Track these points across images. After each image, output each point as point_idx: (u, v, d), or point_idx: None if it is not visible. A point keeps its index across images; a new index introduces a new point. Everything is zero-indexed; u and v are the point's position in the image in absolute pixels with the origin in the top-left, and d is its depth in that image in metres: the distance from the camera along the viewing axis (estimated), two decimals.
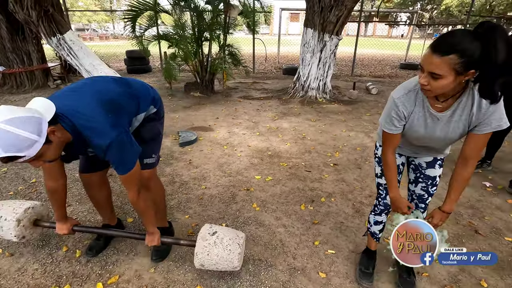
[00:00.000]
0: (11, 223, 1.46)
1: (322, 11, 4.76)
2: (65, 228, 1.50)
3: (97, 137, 1.13)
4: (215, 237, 1.41)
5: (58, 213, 1.48)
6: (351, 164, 2.84)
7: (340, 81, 7.08)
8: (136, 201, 1.32)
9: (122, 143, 1.17)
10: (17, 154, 0.96)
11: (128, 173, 1.23)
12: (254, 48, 8.00)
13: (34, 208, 1.59)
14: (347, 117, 4.32)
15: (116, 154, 1.17)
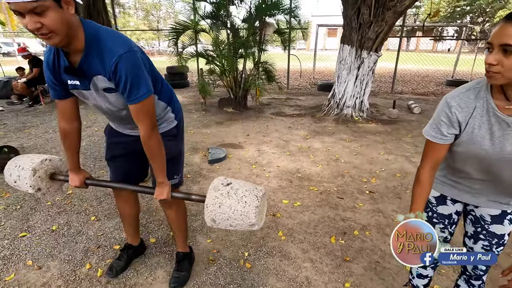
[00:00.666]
0: (27, 172, 1.40)
1: (360, 28, 4.59)
2: (77, 180, 1.38)
3: (113, 44, 1.02)
4: (229, 187, 1.21)
5: (71, 161, 1.37)
6: (390, 192, 2.58)
7: (379, 99, 6.72)
8: (149, 138, 1.16)
9: (137, 61, 1.04)
10: None
11: (140, 102, 1.08)
12: (289, 64, 7.97)
13: (52, 161, 1.49)
14: (386, 138, 4.02)
15: (128, 70, 1.02)
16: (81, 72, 1.06)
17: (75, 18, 0.98)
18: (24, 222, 2.16)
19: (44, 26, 0.89)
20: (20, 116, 5.37)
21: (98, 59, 1.03)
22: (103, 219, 2.20)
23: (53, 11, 0.89)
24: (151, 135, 1.16)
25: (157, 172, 1.26)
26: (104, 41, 1.02)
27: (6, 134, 4.29)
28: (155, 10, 26.58)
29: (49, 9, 0.88)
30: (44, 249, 1.87)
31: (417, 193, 1.01)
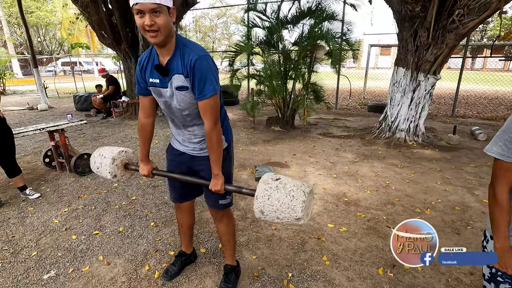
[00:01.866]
0: (108, 160, 1.65)
1: (417, 50, 4.43)
2: (146, 170, 1.61)
3: (194, 49, 1.27)
4: (278, 182, 1.29)
5: (142, 152, 1.60)
6: (447, 226, 2.40)
7: (437, 123, 6.27)
8: (211, 131, 1.34)
9: (210, 64, 1.27)
10: None
11: (207, 99, 1.28)
12: (338, 84, 7.92)
13: (127, 153, 1.73)
14: (444, 166, 3.74)
15: (201, 71, 1.25)
16: (166, 70, 1.30)
17: (173, 27, 1.26)
18: (97, 222, 2.50)
19: (156, 24, 1.17)
20: (95, 127, 6.20)
21: (181, 60, 1.27)
22: (160, 225, 2.44)
23: (165, 15, 1.18)
24: (213, 128, 1.33)
25: (213, 163, 1.40)
26: (188, 46, 1.28)
27: (85, 142, 4.99)
28: (211, 32, 28.65)
29: (163, 12, 1.17)
30: (112, 247, 2.15)
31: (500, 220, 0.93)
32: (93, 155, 1.74)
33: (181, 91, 1.32)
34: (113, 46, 6.95)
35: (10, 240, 2.25)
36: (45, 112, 8.24)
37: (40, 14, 24.44)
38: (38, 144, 4.89)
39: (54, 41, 31.53)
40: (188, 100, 1.34)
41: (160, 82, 1.34)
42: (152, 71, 1.35)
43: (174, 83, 1.31)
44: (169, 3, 1.19)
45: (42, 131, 3.28)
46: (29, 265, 1.97)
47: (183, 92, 1.32)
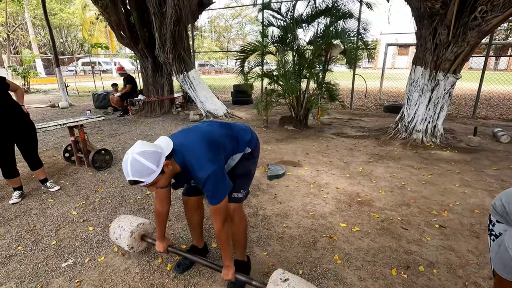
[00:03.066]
0: (126, 233, 1.80)
1: (436, 48, 4.30)
2: (162, 247, 1.77)
3: (198, 170, 1.36)
4: (286, 284, 1.35)
5: (159, 231, 1.76)
6: (465, 229, 2.31)
7: (456, 124, 6.06)
8: (220, 232, 1.47)
9: (217, 178, 1.36)
10: (140, 179, 1.23)
11: (217, 205, 1.40)
12: (353, 84, 7.80)
13: (144, 225, 1.91)
14: (463, 168, 3.61)
15: (211, 186, 1.35)
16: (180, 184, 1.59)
17: (172, 167, 1.35)
18: (113, 214, 2.58)
19: (157, 188, 1.38)
20: (113, 124, 6.38)
21: (192, 177, 1.42)
22: (173, 219, 2.48)
23: (161, 179, 1.31)
24: (222, 229, 1.46)
25: (224, 257, 1.55)
26: (192, 170, 1.38)
27: (103, 138, 5.15)
28: (226, 32, 28.88)
29: (158, 180, 1.30)
30: None
31: None
32: (113, 225, 1.90)
33: None
34: (130, 45, 7.13)
35: (31, 230, 2.35)
36: (65, 109, 8.56)
37: (62, 16, 25.41)
38: (59, 140, 5.08)
39: (75, 42, 32.69)
40: None
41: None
42: None
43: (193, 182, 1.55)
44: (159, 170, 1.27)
45: (63, 127, 3.41)
46: (48, 253, 2.06)
47: None
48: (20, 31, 24.65)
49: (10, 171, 2.76)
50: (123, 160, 1.27)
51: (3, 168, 2.74)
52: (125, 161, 1.25)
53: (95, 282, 1.79)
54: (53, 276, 1.84)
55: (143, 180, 1.24)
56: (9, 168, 2.75)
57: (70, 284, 1.77)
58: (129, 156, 1.24)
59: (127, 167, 1.23)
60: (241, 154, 1.60)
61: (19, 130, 2.73)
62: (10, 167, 2.75)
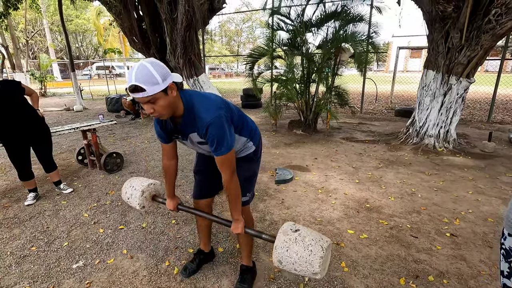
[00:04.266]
0: (138, 192, 1.77)
1: (449, 52, 4.22)
2: (172, 205, 1.71)
3: (204, 112, 1.30)
4: (297, 234, 1.31)
5: (168, 189, 1.72)
6: (478, 238, 2.25)
7: (470, 129, 5.91)
8: (229, 183, 1.41)
9: (223, 124, 1.30)
10: (142, 86, 1.15)
11: (223, 156, 1.34)
12: (364, 88, 7.72)
13: (155, 185, 1.86)
14: (477, 175, 3.51)
15: (215, 133, 1.29)
16: (181, 132, 1.42)
17: (177, 97, 1.29)
18: (123, 217, 2.63)
19: (156, 110, 1.24)
20: (125, 127, 6.52)
21: (193, 124, 1.34)
22: (181, 223, 2.51)
23: (162, 99, 1.22)
24: (231, 180, 1.41)
25: (232, 210, 1.49)
26: (197, 111, 1.31)
27: (115, 142, 5.27)
28: (236, 36, 29.13)
29: (159, 98, 1.21)
30: (136, 242, 2.24)
31: None
32: (125, 185, 1.89)
33: (202, 144, 1.43)
34: (143, 50, 7.29)
35: (45, 231, 2.43)
36: (80, 112, 8.80)
37: (78, 22, 26.23)
38: (73, 143, 5.22)
39: (90, 47, 33.63)
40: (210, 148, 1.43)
41: (181, 137, 1.47)
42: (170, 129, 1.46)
43: (194, 139, 1.42)
44: (163, 85, 1.19)
45: (76, 130, 3.51)
46: (60, 254, 2.12)
47: (204, 145, 1.42)
48: (38, 37, 25.56)
49: (26, 174, 2.86)
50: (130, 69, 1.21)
51: (19, 171, 2.84)
52: (132, 68, 1.20)
53: (104, 284, 1.82)
54: (64, 277, 1.89)
55: (145, 89, 1.15)
56: (25, 171, 2.85)
57: (80, 285, 1.82)
58: (138, 63, 1.19)
59: (133, 72, 1.17)
60: (244, 140, 1.55)
61: (34, 133, 2.83)
62: (26, 169, 2.85)
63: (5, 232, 2.42)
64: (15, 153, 2.76)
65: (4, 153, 4.26)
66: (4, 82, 2.65)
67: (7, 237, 2.34)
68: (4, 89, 2.59)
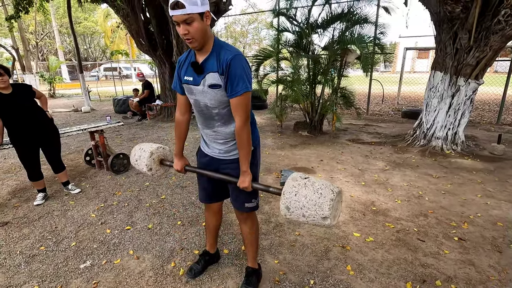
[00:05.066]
0: (146, 153, 1.76)
1: (457, 53, 4.17)
2: (179, 165, 1.70)
3: (231, 48, 1.33)
4: (307, 180, 1.27)
5: (177, 147, 1.72)
6: (487, 243, 2.21)
7: (479, 131, 5.82)
8: (241, 129, 1.38)
9: (244, 63, 1.31)
10: (183, 2, 1.18)
11: (240, 96, 1.32)
12: (370, 89, 7.66)
13: (164, 149, 1.85)
14: (486, 178, 3.45)
15: (237, 66, 1.29)
16: (201, 68, 1.36)
17: (210, 30, 1.32)
18: (129, 218, 2.65)
19: (190, 33, 1.24)
20: (131, 128, 6.59)
21: (217, 59, 1.32)
22: (187, 224, 2.52)
23: (197, 22, 1.23)
24: (244, 126, 1.37)
25: (242, 160, 1.44)
26: (225, 47, 1.34)
27: (122, 142, 5.32)
28: (242, 38, 29.21)
29: (195, 20, 1.22)
30: (142, 243, 2.26)
31: None
32: (134, 148, 1.87)
33: (214, 89, 1.36)
34: (149, 52, 7.36)
35: (53, 230, 2.47)
36: (87, 114, 8.92)
37: (86, 24, 26.61)
38: (81, 143, 5.30)
39: (98, 49, 34.08)
40: (219, 98, 1.38)
41: (193, 80, 1.40)
42: (188, 69, 1.42)
43: (208, 81, 1.36)
44: (201, 9, 1.22)
45: (84, 131, 3.56)
46: (68, 254, 2.15)
47: (215, 90, 1.36)
48: (47, 39, 26.01)
49: (35, 174, 2.91)
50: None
51: (29, 171, 2.89)
52: None
53: (111, 284, 1.84)
54: (72, 276, 1.92)
55: (185, 5, 1.18)
56: (35, 171, 2.90)
57: (87, 285, 1.84)
58: None
59: None
60: None
61: (44, 135, 2.88)
62: (35, 170, 2.90)
63: (15, 231, 2.46)
64: (25, 154, 2.81)
65: (14, 153, 4.35)
66: (16, 85, 2.72)
67: (16, 236, 2.39)
68: (16, 92, 2.66)
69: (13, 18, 8.37)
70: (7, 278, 1.91)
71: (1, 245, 2.27)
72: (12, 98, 2.62)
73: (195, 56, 1.39)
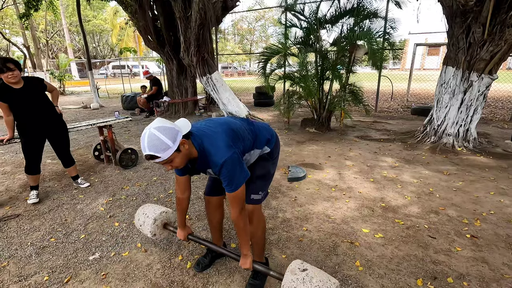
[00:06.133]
0: (150, 220, 1.83)
1: (470, 47, 4.06)
2: (182, 235, 1.80)
3: (215, 154, 1.36)
4: (305, 274, 1.32)
5: (180, 219, 1.79)
6: (500, 241, 2.15)
7: (492, 128, 5.68)
8: (237, 219, 1.45)
9: (234, 164, 1.36)
10: (156, 154, 1.24)
11: (234, 192, 1.39)
12: (379, 86, 7.55)
13: (167, 213, 1.93)
14: (499, 175, 3.37)
15: (227, 172, 1.35)
16: (198, 170, 1.54)
17: (190, 146, 1.37)
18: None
19: (174, 167, 1.35)
20: (139, 124, 6.64)
21: (207, 165, 1.42)
22: (194, 219, 2.53)
23: (177, 157, 1.31)
24: (239, 216, 1.45)
25: (242, 245, 1.53)
26: (209, 154, 1.38)
27: (130, 138, 5.37)
28: (249, 35, 29.11)
29: (174, 157, 1.31)
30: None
31: None
32: (138, 212, 1.96)
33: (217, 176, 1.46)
34: (157, 49, 7.39)
35: (63, 223, 2.50)
36: (96, 110, 9.03)
37: (95, 22, 26.91)
38: (90, 139, 5.36)
39: (106, 47, 34.45)
40: None
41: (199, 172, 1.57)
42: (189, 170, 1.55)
43: (210, 172, 1.51)
44: (175, 146, 1.27)
45: (93, 126, 3.59)
46: (78, 246, 2.17)
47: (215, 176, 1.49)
48: (57, 37, 26.39)
49: (34, 167, 2.84)
50: (141, 135, 1.29)
51: (28, 163, 2.81)
52: (142, 136, 1.26)
53: (119, 276, 1.86)
54: (81, 268, 1.94)
55: (159, 156, 1.24)
56: (34, 164, 2.83)
57: (96, 276, 1.86)
58: (147, 131, 1.25)
59: (144, 141, 1.24)
60: (260, 151, 1.59)
61: (52, 128, 2.89)
62: (35, 163, 2.83)
63: (26, 223, 2.50)
64: (30, 146, 2.76)
65: None
66: (28, 78, 2.74)
67: (28, 228, 2.43)
68: (27, 86, 2.68)
69: (25, 16, 8.51)
70: (19, 269, 1.94)
71: (12, 237, 2.31)
72: (23, 92, 2.64)
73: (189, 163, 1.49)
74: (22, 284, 1.80)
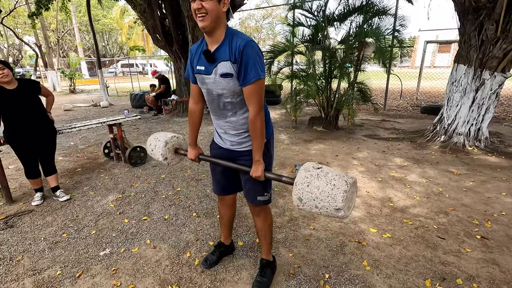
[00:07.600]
0: (161, 143, 1.78)
1: (482, 45, 3.97)
2: (193, 154, 1.72)
3: (240, 37, 1.29)
4: (319, 170, 1.23)
5: (191, 137, 1.71)
6: (511, 242, 2.12)
7: (504, 127, 5.55)
8: (255, 118, 1.35)
9: (255, 49, 1.28)
10: None
11: (253, 83, 1.29)
12: (387, 84, 7.45)
13: (178, 138, 1.87)
14: (511, 175, 3.30)
15: (249, 54, 1.26)
16: (213, 57, 1.33)
17: (224, 17, 1.30)
18: (146, 208, 2.71)
19: (203, 8, 1.22)
20: (148, 123, 6.71)
21: (229, 46, 1.30)
22: (202, 216, 2.56)
23: (214, 2, 1.23)
24: (257, 115, 1.35)
25: (255, 150, 1.42)
26: (237, 34, 1.31)
27: (138, 136, 5.44)
28: (256, 33, 29.06)
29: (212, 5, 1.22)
30: (158, 233, 2.31)
31: None
32: (150, 138, 1.89)
33: (226, 78, 1.33)
34: (165, 48, 7.44)
35: (74, 219, 2.56)
36: (106, 108, 9.16)
37: (105, 22, 27.25)
38: (100, 137, 5.45)
39: (115, 45, 34.87)
40: (231, 87, 1.35)
41: (205, 69, 1.38)
42: (200, 58, 1.39)
43: (219, 70, 1.33)
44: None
45: (103, 124, 3.65)
46: (89, 242, 2.22)
47: (227, 79, 1.33)
48: (68, 36, 26.83)
49: (33, 172, 2.80)
50: None
51: (26, 168, 2.77)
52: None
53: (129, 271, 1.90)
54: (92, 263, 1.99)
55: None
56: (32, 168, 2.79)
57: (107, 271, 1.90)
58: None
59: None
60: None
61: (41, 133, 2.75)
62: (32, 167, 2.79)
63: (39, 219, 2.57)
64: (22, 152, 2.71)
65: None
66: (23, 80, 2.67)
67: (40, 223, 2.49)
68: (21, 88, 2.59)
69: (35, 15, 8.68)
70: (33, 263, 2.00)
71: (26, 232, 2.38)
72: (15, 94, 2.54)
73: (207, 45, 1.36)
74: (36, 278, 1.86)
